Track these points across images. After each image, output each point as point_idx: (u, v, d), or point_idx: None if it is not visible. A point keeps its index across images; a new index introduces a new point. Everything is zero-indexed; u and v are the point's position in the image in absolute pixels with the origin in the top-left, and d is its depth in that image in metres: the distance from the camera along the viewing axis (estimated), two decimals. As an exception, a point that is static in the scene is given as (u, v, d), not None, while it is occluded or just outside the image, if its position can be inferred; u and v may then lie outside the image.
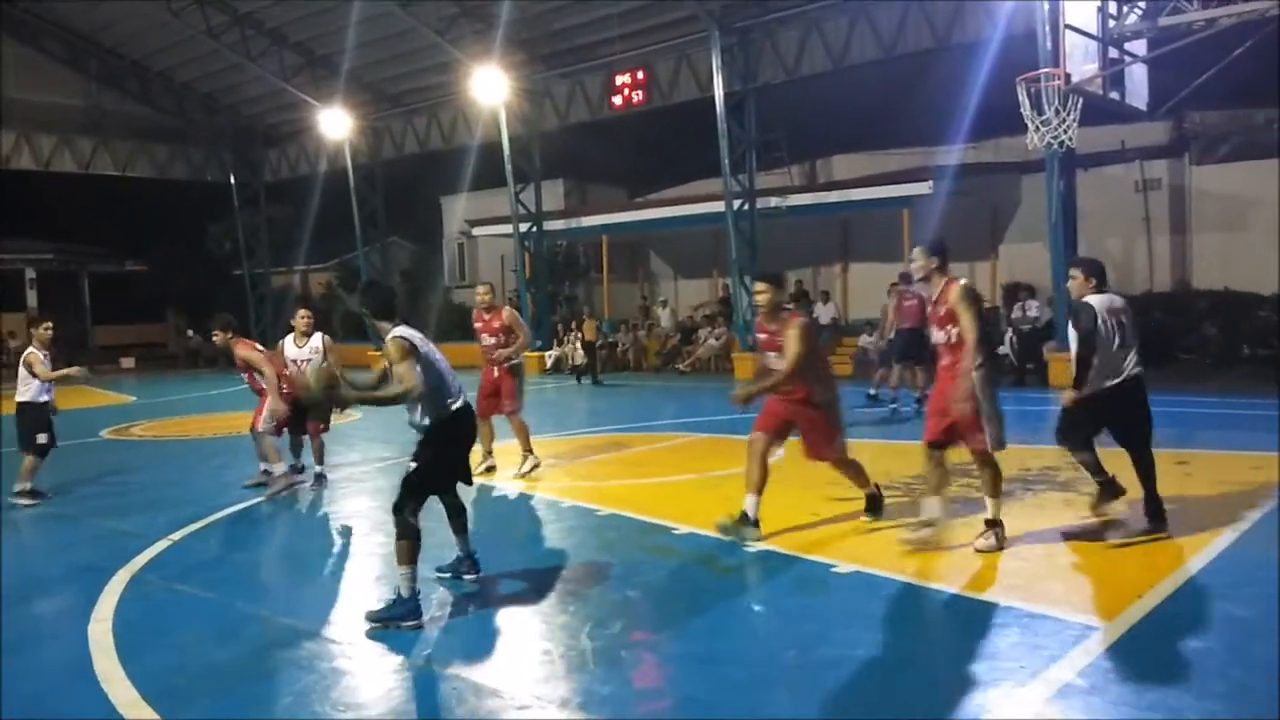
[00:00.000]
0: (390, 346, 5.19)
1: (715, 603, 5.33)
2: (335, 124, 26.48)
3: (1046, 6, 13.64)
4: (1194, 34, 13.06)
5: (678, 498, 8.15)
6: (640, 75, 22.64)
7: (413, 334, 5.30)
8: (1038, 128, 12.74)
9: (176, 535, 7.22)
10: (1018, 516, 7.01)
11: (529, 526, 7.44)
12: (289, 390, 8.77)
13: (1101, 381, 6.19)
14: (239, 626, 5.16)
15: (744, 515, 6.39)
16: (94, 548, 7.03)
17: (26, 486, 8.82)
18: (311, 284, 37.57)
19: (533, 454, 9.39)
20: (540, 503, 8.25)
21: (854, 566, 5.81)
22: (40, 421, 8.93)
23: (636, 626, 4.98)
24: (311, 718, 4.01)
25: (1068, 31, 12.70)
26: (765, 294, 6.54)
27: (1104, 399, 6.23)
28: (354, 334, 28.87)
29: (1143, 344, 6.45)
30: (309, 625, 5.12)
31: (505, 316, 9.45)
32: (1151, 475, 6.43)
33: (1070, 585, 5.33)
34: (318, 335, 9.45)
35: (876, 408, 13.56)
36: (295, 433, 9.38)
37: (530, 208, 24.87)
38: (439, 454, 5.36)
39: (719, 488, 8.00)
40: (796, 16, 19.85)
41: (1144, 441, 6.42)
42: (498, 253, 30.69)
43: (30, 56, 27.33)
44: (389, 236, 31.60)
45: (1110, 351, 6.19)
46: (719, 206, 21.31)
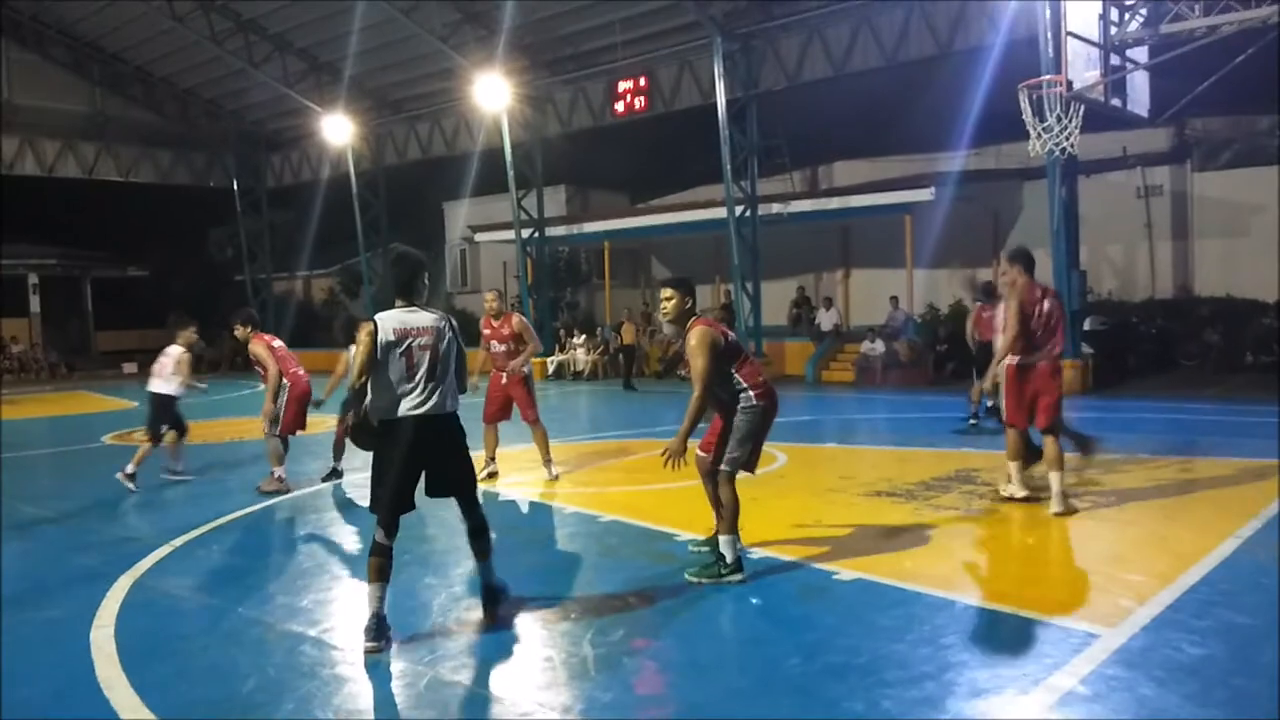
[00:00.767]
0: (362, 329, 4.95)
1: (717, 610, 5.33)
2: (338, 130, 26.56)
3: (1048, 13, 13.66)
4: (1196, 41, 13.06)
5: (680, 504, 8.14)
6: (643, 81, 22.71)
7: (393, 320, 4.89)
8: (1040, 134, 12.74)
9: (179, 541, 7.22)
10: (1018, 523, 7.02)
11: (530, 533, 7.44)
12: (298, 392, 9.25)
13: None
14: (241, 632, 5.16)
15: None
16: (96, 553, 7.03)
17: (131, 471, 9.56)
18: (314, 289, 37.62)
19: (552, 462, 9.41)
20: (541, 509, 8.25)
21: (856, 573, 5.81)
22: (168, 412, 9.91)
23: (638, 633, 4.98)
24: (313, 724, 4.01)
25: (1069, 38, 12.70)
26: (671, 300, 5.89)
27: None
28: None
29: (1144, 350, 6.51)
30: (311, 631, 5.12)
31: (514, 323, 9.40)
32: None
33: (1072, 592, 5.33)
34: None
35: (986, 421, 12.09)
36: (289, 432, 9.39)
37: (532, 213, 24.92)
38: (378, 459, 4.94)
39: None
40: (799, 23, 19.91)
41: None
42: (500, 259, 30.74)
43: (34, 62, 27.46)
44: (391, 242, 31.62)
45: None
46: (721, 213, 21.35)
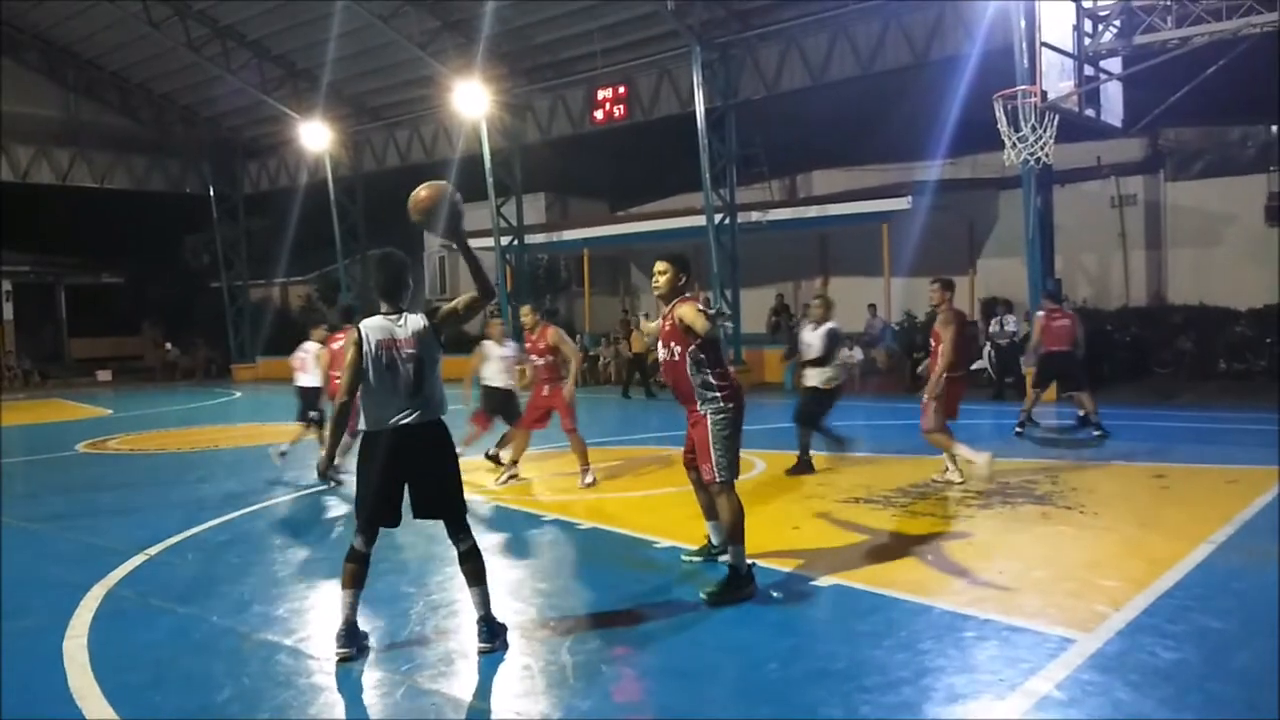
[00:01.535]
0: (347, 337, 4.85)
1: (696, 617, 5.33)
2: (316, 137, 26.44)
3: (1023, 24, 13.82)
4: (1168, 52, 13.23)
5: (659, 512, 8.14)
6: (622, 90, 22.74)
7: (377, 331, 4.78)
8: (1015, 144, 12.86)
9: (153, 550, 7.16)
10: (995, 529, 7.06)
11: (510, 541, 7.41)
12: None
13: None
14: (215, 642, 5.12)
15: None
16: (68, 563, 6.95)
17: (283, 450, 10.61)
18: (291, 296, 37.41)
19: (590, 469, 9.44)
20: (521, 517, 8.22)
21: (834, 579, 5.82)
22: (314, 403, 10.51)
23: (617, 641, 4.97)
24: (289, 734, 3.98)
25: (1044, 49, 12.83)
26: (666, 274, 5.79)
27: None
28: (334, 347, 28.75)
29: (1119, 357, 6.59)
30: (287, 640, 5.08)
31: (550, 336, 9.31)
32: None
33: (1047, 598, 5.36)
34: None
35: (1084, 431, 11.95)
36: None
37: (512, 221, 24.90)
38: (359, 472, 4.81)
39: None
40: (777, 33, 20.01)
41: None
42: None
43: (8, 67, 27.18)
44: (370, 249, 31.54)
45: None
46: (700, 220, 21.39)
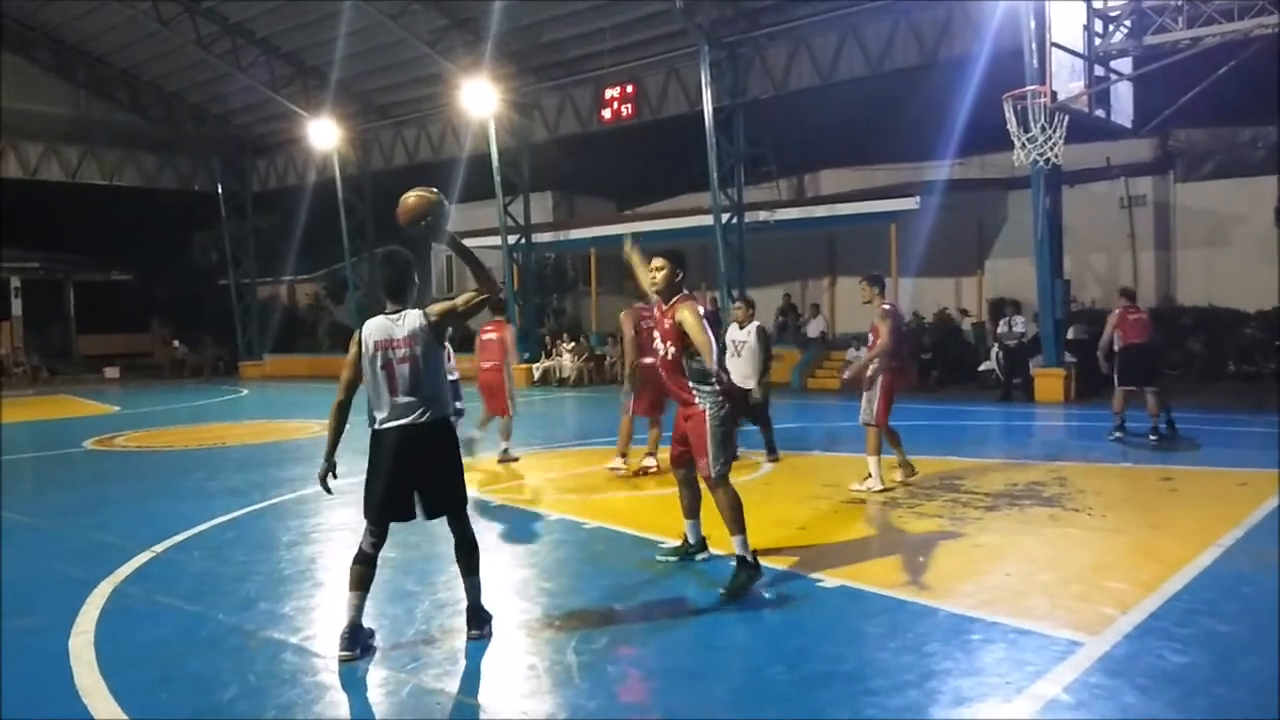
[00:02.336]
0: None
1: (701, 617, 5.32)
2: (324, 134, 26.49)
3: (1033, 24, 13.76)
4: (1179, 53, 13.19)
5: (665, 511, 8.12)
6: (630, 89, 22.75)
7: (375, 332, 4.81)
8: (1024, 144, 12.82)
9: (160, 547, 7.17)
10: (1002, 531, 7.04)
11: (516, 540, 7.41)
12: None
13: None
14: (222, 640, 5.12)
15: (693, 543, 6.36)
16: (75, 559, 6.97)
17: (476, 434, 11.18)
18: (299, 294, 37.48)
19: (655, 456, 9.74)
20: (527, 516, 8.22)
21: (840, 581, 5.81)
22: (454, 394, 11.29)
23: (622, 641, 4.96)
24: (294, 732, 3.98)
25: (1054, 49, 12.80)
26: (663, 270, 5.84)
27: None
28: (342, 345, 28.80)
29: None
30: (293, 639, 5.08)
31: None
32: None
33: (1055, 600, 5.34)
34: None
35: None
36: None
37: (519, 220, 24.92)
38: (367, 472, 4.84)
39: (704, 501, 7.98)
40: (785, 32, 19.98)
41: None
42: (487, 265, 30.64)
43: (19, 64, 27.25)
44: (377, 248, 31.58)
45: None
46: (707, 220, 21.38)
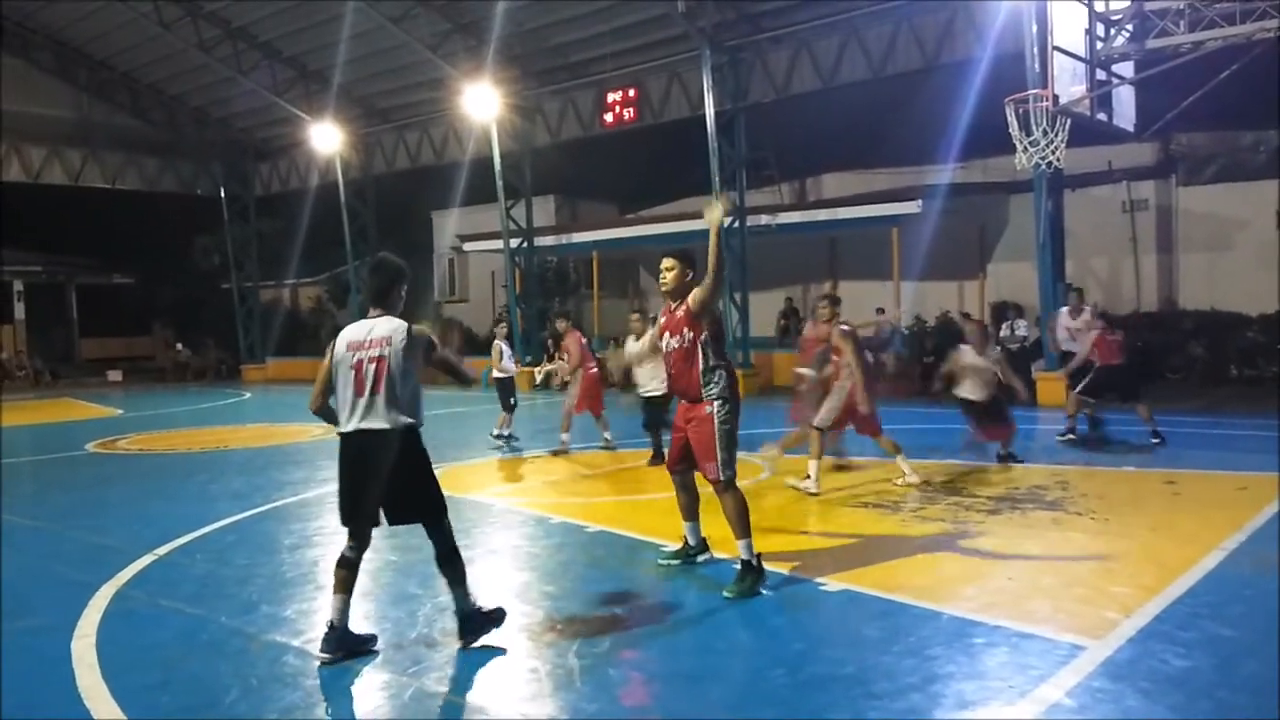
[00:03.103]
0: None
1: (703, 620, 5.32)
2: (326, 138, 26.50)
3: (1035, 28, 13.76)
4: (1181, 57, 13.19)
5: (667, 514, 8.12)
6: (632, 93, 22.74)
7: (350, 334, 4.80)
8: (1026, 148, 12.82)
9: (162, 550, 7.17)
10: (1005, 535, 7.03)
11: (517, 543, 7.41)
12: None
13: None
14: (224, 643, 5.12)
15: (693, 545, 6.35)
16: (77, 562, 6.97)
17: (503, 432, 12.65)
18: (301, 298, 37.50)
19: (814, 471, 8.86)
20: (528, 519, 8.22)
21: (842, 584, 5.80)
22: (508, 390, 12.77)
23: (624, 644, 4.96)
24: (296, 735, 3.98)
25: (1056, 53, 12.80)
26: (673, 270, 5.86)
27: None
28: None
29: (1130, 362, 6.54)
30: (295, 642, 5.08)
31: (834, 336, 9.06)
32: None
33: (1058, 604, 5.33)
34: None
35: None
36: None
37: (521, 223, 24.92)
38: (338, 472, 4.86)
39: (708, 504, 7.98)
40: (787, 36, 19.98)
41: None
42: (488, 268, 30.72)
43: (21, 67, 27.28)
44: (379, 251, 31.53)
45: None
46: (709, 223, 21.32)
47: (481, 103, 22.33)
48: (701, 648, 4.93)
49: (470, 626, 4.89)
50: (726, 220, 20.65)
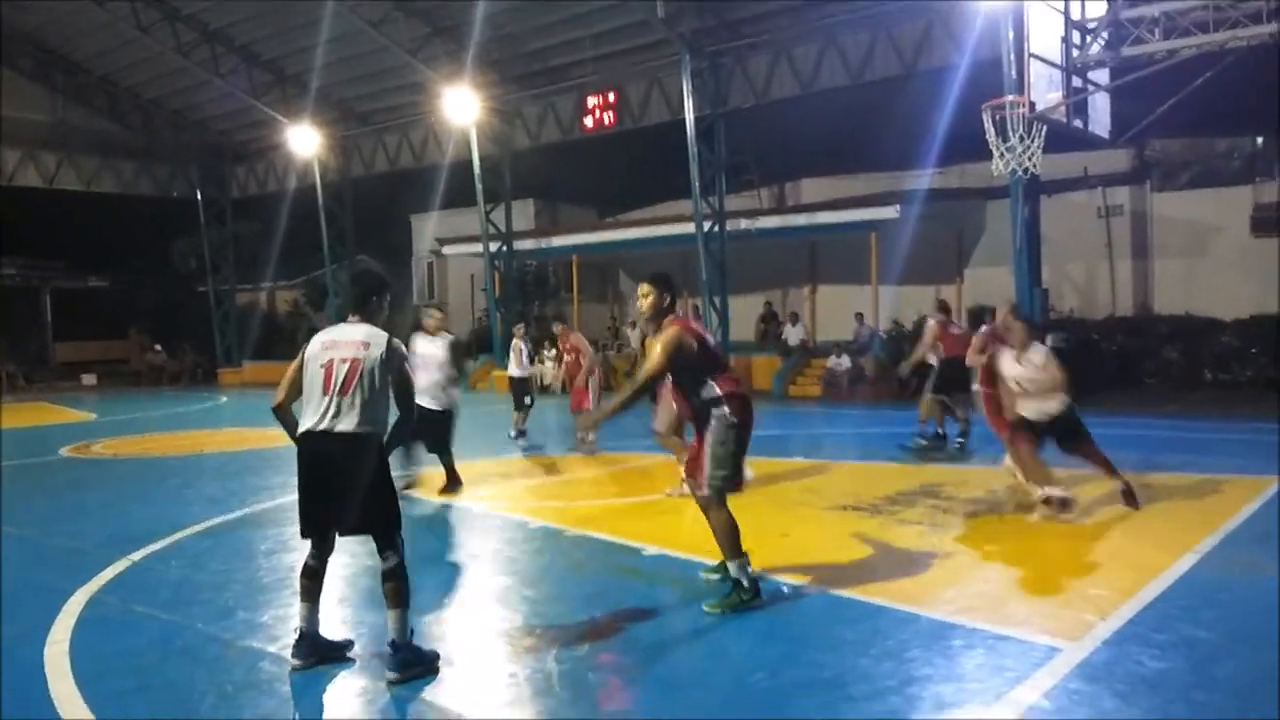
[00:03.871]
0: None
1: (683, 624, 5.31)
2: (304, 141, 26.38)
3: (1011, 35, 13.88)
4: (1156, 64, 13.33)
5: (646, 518, 8.13)
6: (612, 97, 22.79)
7: (325, 336, 4.75)
8: (1003, 154, 12.92)
9: (136, 555, 7.10)
10: (983, 538, 7.07)
11: (496, 548, 7.38)
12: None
13: None
14: (199, 648, 5.07)
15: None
16: (51, 568, 6.89)
17: (522, 429, 13.11)
18: (278, 301, 37.30)
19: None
20: (508, 523, 8.19)
21: (821, 588, 5.82)
22: (524, 389, 13.38)
23: (603, 649, 4.95)
24: (272, 742, 3.94)
25: (1032, 60, 12.91)
26: (649, 297, 5.66)
27: None
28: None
29: (1105, 367, 6.58)
30: (271, 648, 5.04)
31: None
32: None
33: (1034, 607, 5.36)
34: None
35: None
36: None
37: (501, 227, 24.89)
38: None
39: (688, 508, 7.97)
40: (766, 42, 20.07)
41: None
42: (468, 272, 30.66)
43: (-4, 70, 27.01)
44: (358, 254, 31.46)
45: None
46: (689, 228, 21.41)
47: (461, 106, 22.31)
48: (680, 652, 4.92)
49: (399, 661, 4.51)
50: (706, 225, 20.75)
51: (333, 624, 5.21)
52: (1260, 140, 20.27)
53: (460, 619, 5.56)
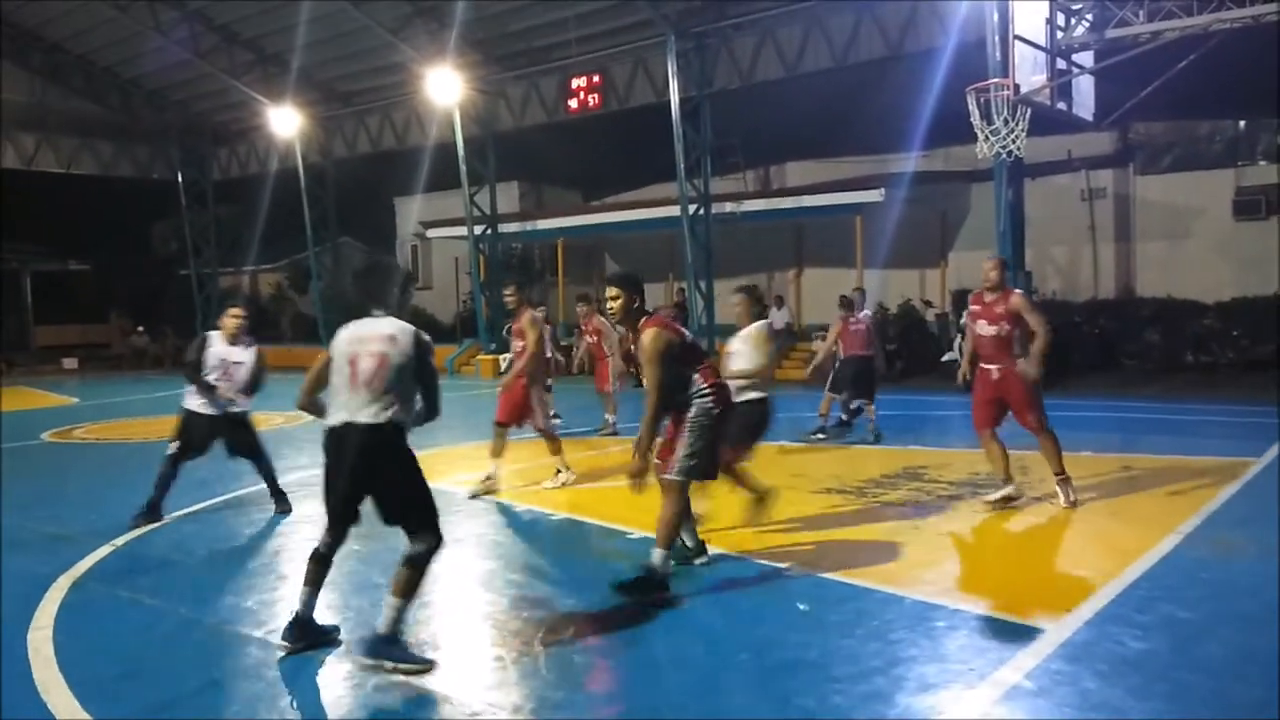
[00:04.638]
0: None
1: (668, 607, 5.32)
2: (285, 122, 26.16)
3: (996, 18, 13.87)
4: (1140, 47, 13.34)
5: (632, 502, 8.11)
6: (596, 79, 22.67)
7: (355, 325, 4.72)
8: (987, 137, 12.92)
9: (120, 540, 7.07)
10: (966, 520, 7.11)
11: (481, 531, 7.38)
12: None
13: None
14: (184, 633, 5.06)
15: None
16: (33, 554, 6.84)
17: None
18: (261, 284, 37.05)
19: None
20: (494, 508, 8.20)
21: (806, 570, 5.84)
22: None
23: (589, 632, 4.96)
24: (258, 726, 3.94)
25: (1017, 42, 12.90)
26: (618, 300, 5.68)
27: None
28: (305, 336, 28.49)
29: (1087, 349, 6.63)
30: (257, 633, 5.03)
31: (1014, 301, 7.66)
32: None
33: (1017, 588, 5.41)
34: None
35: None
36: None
37: (485, 210, 24.77)
38: (325, 467, 4.69)
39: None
40: (751, 23, 20.00)
41: None
42: (452, 255, 30.51)
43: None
44: (341, 237, 31.26)
45: None
46: (674, 211, 21.37)
47: (444, 87, 22.16)
48: (666, 634, 4.94)
49: (376, 647, 4.47)
50: (692, 208, 20.72)
51: (318, 608, 5.20)
52: (1243, 124, 20.35)
53: (446, 603, 5.56)
